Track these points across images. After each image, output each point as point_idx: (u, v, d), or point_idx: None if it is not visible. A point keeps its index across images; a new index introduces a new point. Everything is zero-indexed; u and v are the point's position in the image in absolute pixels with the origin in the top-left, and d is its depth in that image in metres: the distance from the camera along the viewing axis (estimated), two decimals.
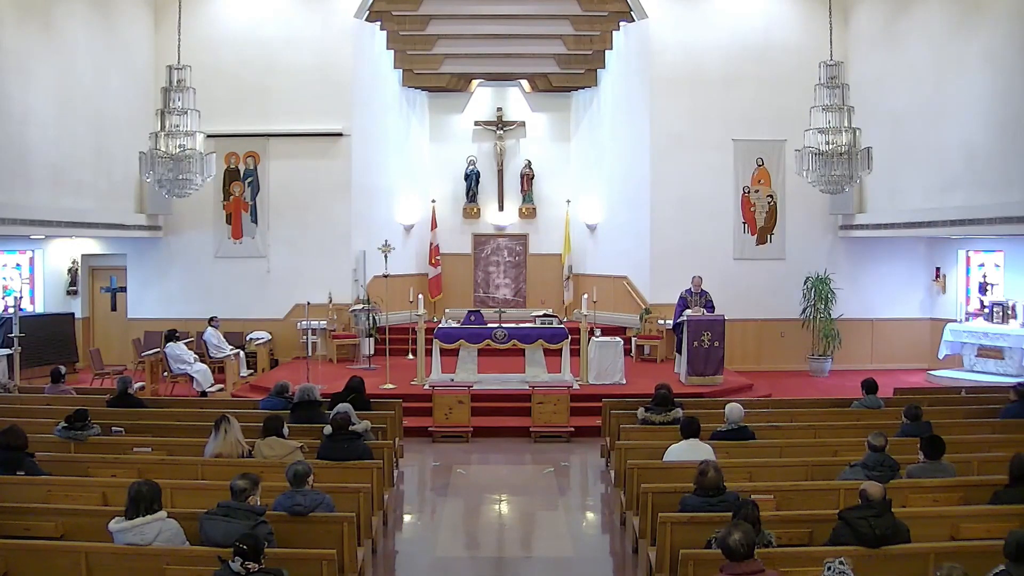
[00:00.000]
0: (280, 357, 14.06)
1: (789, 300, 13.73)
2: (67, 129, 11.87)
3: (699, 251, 13.77)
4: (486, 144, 16.28)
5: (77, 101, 12.11)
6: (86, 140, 12.32)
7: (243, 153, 14.25)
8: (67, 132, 11.87)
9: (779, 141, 13.78)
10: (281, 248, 14.25)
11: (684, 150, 13.95)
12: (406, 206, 15.74)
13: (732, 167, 14.06)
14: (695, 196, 13.95)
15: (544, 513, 7.73)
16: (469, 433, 9.95)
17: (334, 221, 14.21)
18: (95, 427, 7.15)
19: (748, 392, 11.51)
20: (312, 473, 5.40)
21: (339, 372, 12.15)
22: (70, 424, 7.03)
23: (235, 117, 13.88)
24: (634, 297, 14.51)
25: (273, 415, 6.87)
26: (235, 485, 4.88)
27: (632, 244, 14.59)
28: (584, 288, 14.26)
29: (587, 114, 16.00)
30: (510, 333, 11.46)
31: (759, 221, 14.16)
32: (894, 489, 5.47)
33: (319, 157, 14.19)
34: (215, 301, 13.80)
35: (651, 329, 13.92)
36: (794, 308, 13.72)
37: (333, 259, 14.17)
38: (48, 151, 11.49)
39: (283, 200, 14.23)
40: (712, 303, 12.11)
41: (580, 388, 11.17)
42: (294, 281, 13.96)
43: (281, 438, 6.55)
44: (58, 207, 11.56)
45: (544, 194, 16.23)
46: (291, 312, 13.98)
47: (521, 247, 16.43)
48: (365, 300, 13.78)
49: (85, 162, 12.31)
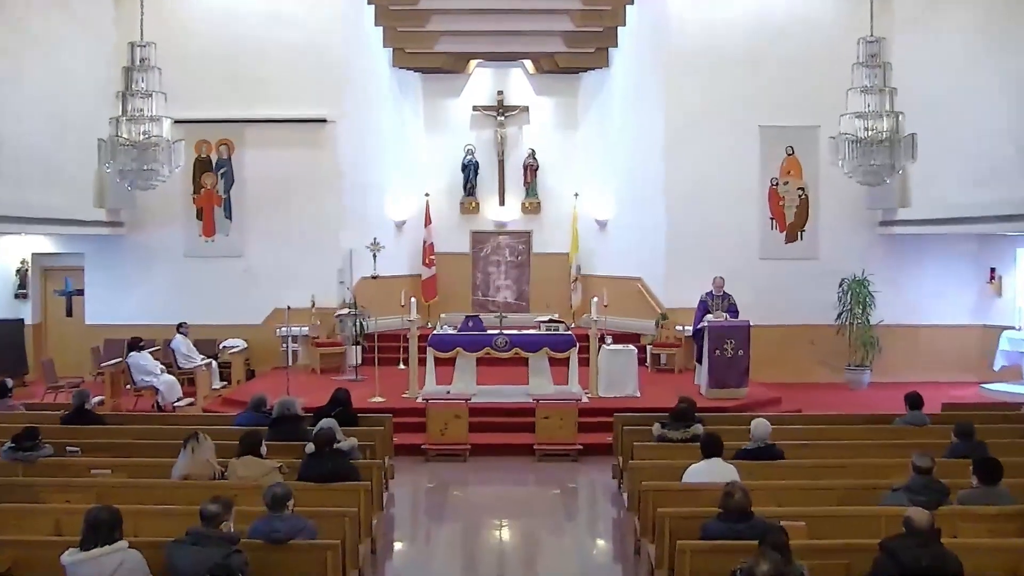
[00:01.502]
0: (257, 367, 14.04)
1: (822, 304, 13.69)
2: (15, 112, 11.66)
3: (721, 250, 13.74)
4: (485, 131, 16.26)
5: (27, 81, 11.93)
6: (37, 125, 12.12)
7: (215, 141, 14.23)
8: (14, 115, 11.65)
9: (811, 127, 13.74)
10: (258, 246, 14.23)
11: (704, 138, 13.93)
12: (397, 200, 15.72)
13: (758, 156, 14.04)
14: (717, 189, 13.92)
15: (549, 540, 7.71)
16: (467, 451, 9.93)
17: (318, 217, 14.21)
18: (47, 447, 7.11)
19: (776, 406, 11.49)
20: (292, 496, 5.37)
21: (323, 384, 12.11)
22: (18, 444, 6.98)
23: (206, 101, 13.86)
24: (649, 300, 14.48)
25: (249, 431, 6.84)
26: (206, 510, 4.84)
27: (646, 242, 14.57)
28: (593, 290, 14.22)
29: (597, 98, 15.97)
30: (512, 340, 11.45)
31: (788, 216, 14.13)
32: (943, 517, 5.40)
33: (301, 146, 14.17)
34: (184, 305, 13.78)
35: (668, 336, 13.89)
36: (828, 313, 13.68)
37: (316, 259, 14.16)
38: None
39: (260, 193, 14.21)
40: (736, 307, 12.07)
41: (589, 401, 11.15)
42: (273, 283, 13.95)
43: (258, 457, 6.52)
44: (4, 200, 11.37)
45: (549, 187, 16.22)
46: (269, 317, 13.96)
47: (524, 245, 16.40)
48: (352, 304, 13.76)
49: (37, 149, 12.08)
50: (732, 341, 11.51)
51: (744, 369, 11.56)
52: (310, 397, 10.30)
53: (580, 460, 9.86)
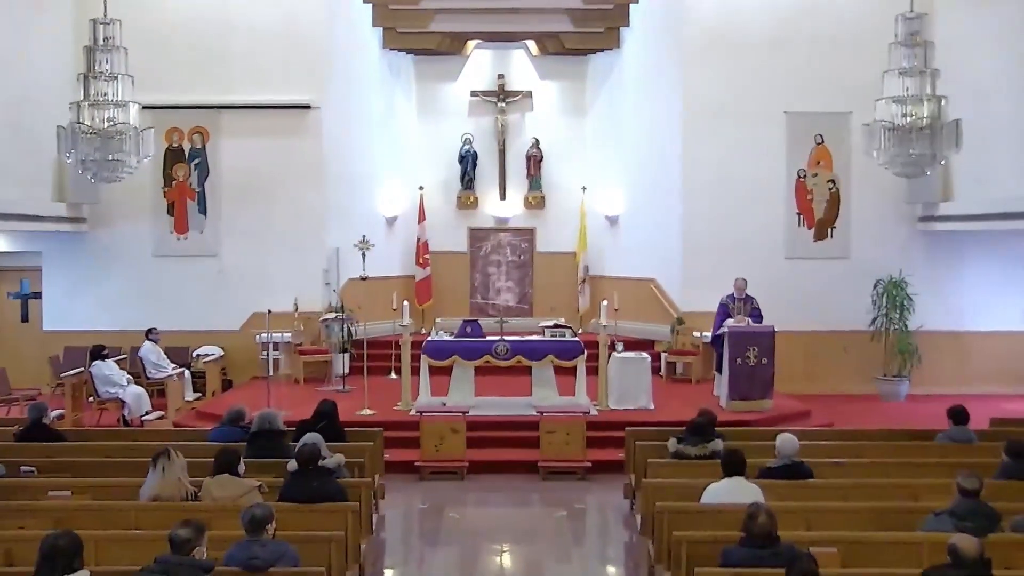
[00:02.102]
0: (234, 377, 14.04)
1: (854, 308, 13.66)
2: None
3: (743, 248, 13.74)
4: (485, 119, 16.26)
5: None
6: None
7: (188, 129, 14.23)
8: None
9: (842, 114, 13.72)
10: (236, 245, 14.23)
11: (725, 126, 13.92)
12: (388, 194, 15.72)
13: (784, 146, 14.03)
14: (738, 182, 13.91)
15: (555, 567, 7.68)
16: (464, 468, 9.92)
17: (301, 212, 14.21)
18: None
19: (804, 420, 11.47)
20: (273, 518, 5.35)
21: (307, 395, 12.11)
22: None
23: (178, 84, 13.86)
24: (664, 304, 14.47)
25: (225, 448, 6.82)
26: (175, 536, 4.81)
27: (661, 240, 14.56)
28: (603, 293, 14.20)
29: (607, 82, 15.98)
30: (514, 347, 11.42)
31: (817, 212, 14.11)
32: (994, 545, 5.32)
33: (283, 134, 14.18)
34: (154, 309, 13.77)
35: (684, 343, 13.87)
36: (861, 318, 13.65)
37: (300, 258, 14.16)
38: None
39: (238, 186, 14.21)
40: (759, 311, 12.06)
41: (598, 414, 11.15)
42: (252, 285, 13.93)
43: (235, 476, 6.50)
44: None
45: (555, 180, 16.22)
46: (248, 322, 13.95)
47: (527, 244, 16.38)
48: (339, 308, 13.75)
49: None
50: (755, 348, 11.49)
51: (768, 379, 11.54)
52: (293, 410, 10.29)
53: (589, 478, 9.85)
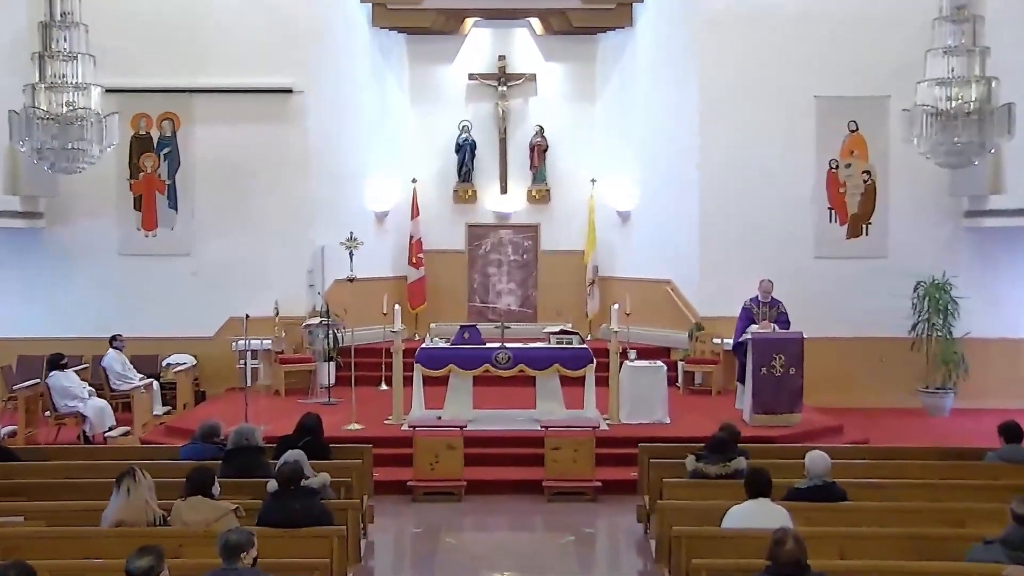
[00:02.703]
0: (208, 388, 14.04)
1: (893, 313, 13.63)
2: None
3: (768, 247, 13.73)
4: (484, 105, 16.25)
5: None
6: None
7: (157, 115, 14.24)
8: None
9: (880, 98, 13.71)
10: (210, 243, 14.23)
11: (748, 112, 13.90)
12: (378, 187, 15.72)
13: (814, 134, 14.01)
14: (763, 174, 13.90)
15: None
16: (462, 489, 9.92)
17: (283, 207, 14.21)
18: None
19: (836, 436, 11.46)
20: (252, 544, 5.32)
21: (288, 408, 12.10)
22: None
23: (145, 65, 13.86)
24: (681, 308, 14.47)
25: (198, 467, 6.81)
26: (133, 567, 4.71)
27: (678, 237, 14.56)
28: (614, 296, 14.17)
29: (618, 64, 15.98)
30: (516, 355, 11.42)
31: (851, 206, 14.10)
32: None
33: (262, 121, 14.18)
34: (119, 314, 13.76)
35: (703, 351, 13.87)
36: (900, 323, 13.63)
37: (281, 258, 14.17)
38: None
39: (213, 178, 14.21)
40: (786, 316, 12.06)
41: (609, 429, 11.15)
42: (228, 287, 13.93)
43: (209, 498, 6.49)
44: None
45: (561, 171, 16.21)
46: (223, 328, 13.95)
47: (531, 242, 16.38)
48: (324, 312, 13.75)
49: None
50: (782, 357, 11.47)
51: (796, 391, 11.52)
52: (273, 424, 10.32)
53: (599, 500, 9.85)
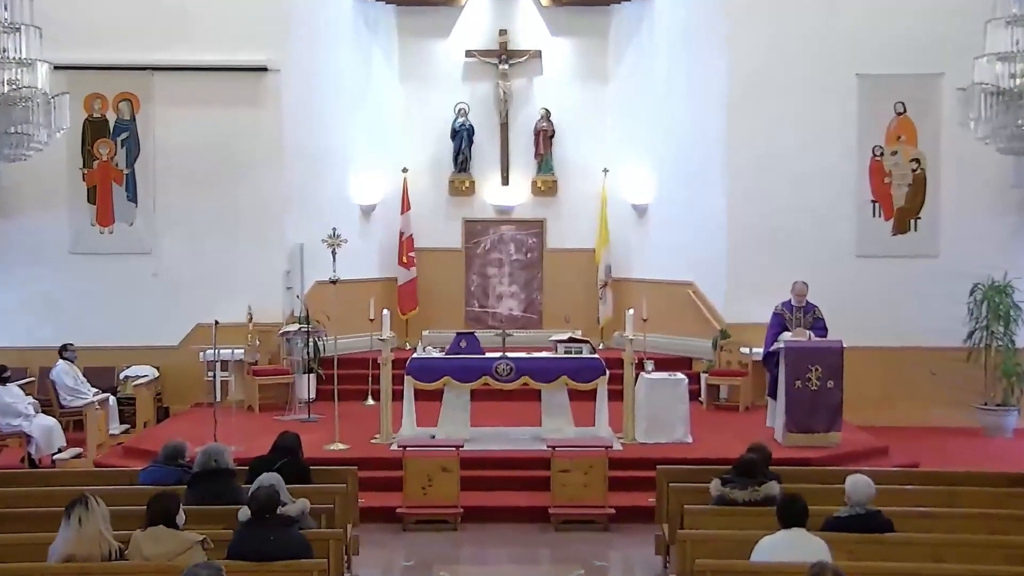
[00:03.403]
0: (172, 404, 14.03)
1: (946, 319, 13.61)
2: None
3: (803, 245, 13.74)
4: (483, 85, 16.27)
5: None
6: None
7: (113, 96, 14.23)
8: None
9: (931, 76, 13.71)
10: (175, 240, 14.23)
11: (782, 93, 13.89)
12: (365, 178, 15.73)
13: (855, 118, 14.00)
14: (798, 162, 13.89)
15: None
16: (458, 516, 9.92)
17: (257, 199, 14.21)
18: None
19: (881, 459, 11.45)
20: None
21: (263, 426, 12.10)
22: None
23: (100, 39, 13.84)
24: (704, 313, 14.47)
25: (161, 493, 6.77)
26: None
27: (701, 234, 14.56)
28: (629, 300, 14.17)
29: (634, 40, 15.98)
30: (519, 366, 11.42)
31: (897, 199, 14.08)
32: None
33: (233, 103, 14.19)
34: (70, 321, 13.77)
35: (730, 361, 13.86)
36: (954, 331, 13.60)
37: (255, 257, 14.17)
38: None
39: (177, 167, 14.19)
40: (823, 322, 12.02)
41: (623, 449, 11.15)
42: (195, 290, 13.95)
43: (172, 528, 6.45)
44: None
45: (570, 160, 16.22)
46: (190, 336, 13.95)
47: (535, 239, 16.38)
48: (303, 318, 13.75)
49: None
50: (818, 368, 11.44)
51: (835, 407, 11.48)
52: (245, 444, 10.34)
53: (612, 529, 9.85)
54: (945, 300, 13.61)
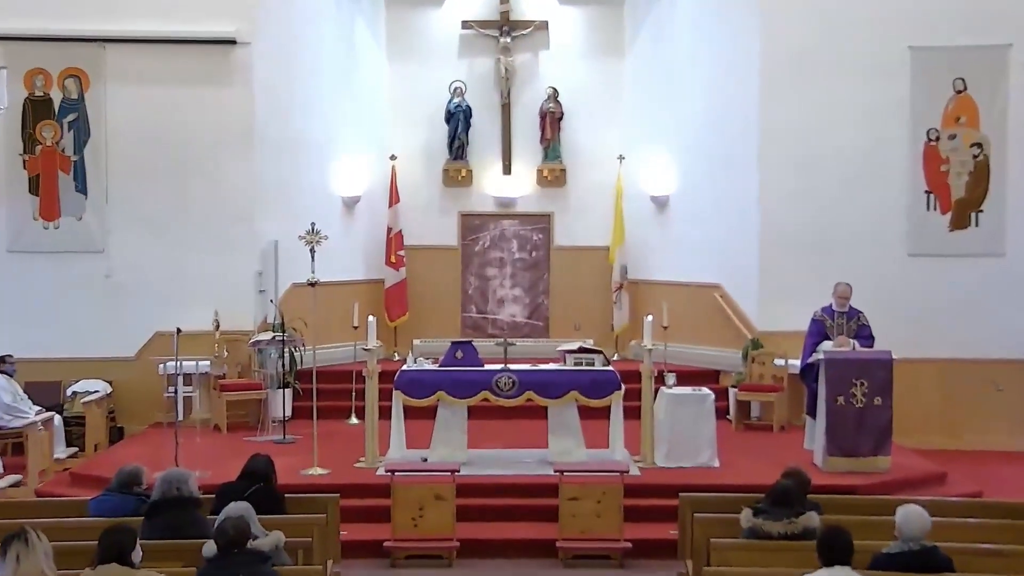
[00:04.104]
0: (127, 423, 14.06)
1: (1012, 326, 13.68)
2: None
3: (847, 243, 13.77)
4: (482, 61, 16.34)
5: None
6: None
7: (59, 72, 14.24)
8: None
9: (996, 47, 13.71)
10: (130, 236, 14.24)
11: (822, 71, 13.91)
12: (347, 166, 15.78)
13: (908, 97, 14.00)
14: (841, 149, 13.91)
15: None
16: (453, 551, 9.91)
17: (224, 191, 14.25)
18: None
19: (938, 487, 11.42)
20: None
21: (231, 448, 12.12)
22: None
23: (42, 7, 13.86)
24: (733, 320, 14.50)
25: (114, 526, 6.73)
26: None
27: (730, 231, 14.60)
28: (647, 304, 14.20)
29: (654, 9, 16.05)
30: (522, 380, 11.43)
31: (956, 189, 14.08)
32: None
33: (197, 80, 14.21)
34: (9, 329, 13.78)
35: (763, 374, 13.87)
36: (1021, 341, 13.63)
37: (222, 256, 14.18)
38: None
39: (133, 154, 14.21)
40: (870, 330, 12.01)
41: (641, 474, 11.17)
42: (153, 293, 13.98)
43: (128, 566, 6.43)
44: None
45: (580, 146, 16.29)
46: (148, 346, 13.99)
47: (541, 236, 16.43)
48: (277, 325, 13.77)
49: None
50: (864, 383, 11.41)
51: (884, 427, 11.45)
52: (212, 470, 10.30)
53: (628, 565, 9.84)
54: (1012, 305, 13.68)
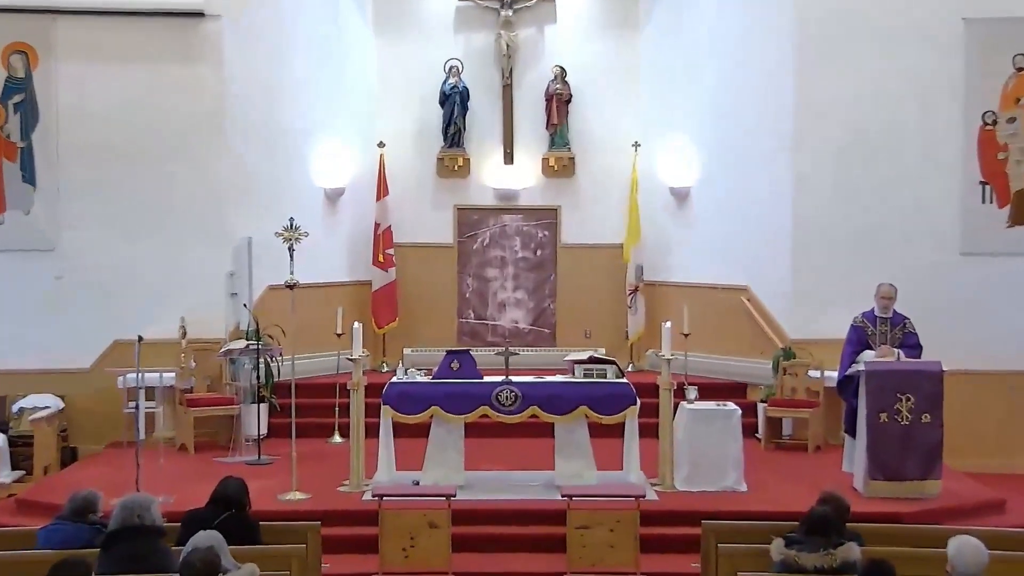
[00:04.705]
0: (82, 444, 14.04)
1: None
2: None
3: (890, 240, 13.79)
4: (481, 36, 16.39)
5: None
6: None
7: (3, 47, 14.25)
8: None
9: None
10: (85, 233, 14.23)
11: (864, 47, 13.90)
12: (330, 154, 15.80)
13: (962, 76, 13.98)
14: (882, 135, 13.92)
15: None
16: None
17: (192, 182, 14.26)
18: None
19: (996, 515, 11.34)
20: None
21: (200, 470, 12.13)
22: None
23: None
24: (762, 326, 14.52)
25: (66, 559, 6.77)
26: None
27: (759, 226, 14.62)
28: (665, 309, 14.23)
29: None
30: (526, 394, 11.45)
31: (1016, 179, 14.08)
32: None
33: (160, 57, 14.20)
34: None
35: (795, 388, 13.85)
36: None
37: (189, 255, 14.21)
38: None
39: (88, 141, 14.20)
40: (917, 338, 12.03)
41: (660, 500, 11.19)
42: (112, 297, 13.99)
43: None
44: None
45: (591, 132, 16.34)
46: (105, 357, 14.00)
47: (547, 232, 16.47)
48: (252, 333, 13.78)
49: None
50: (911, 398, 11.39)
51: (933, 448, 11.41)
52: (178, 495, 10.32)
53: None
54: None
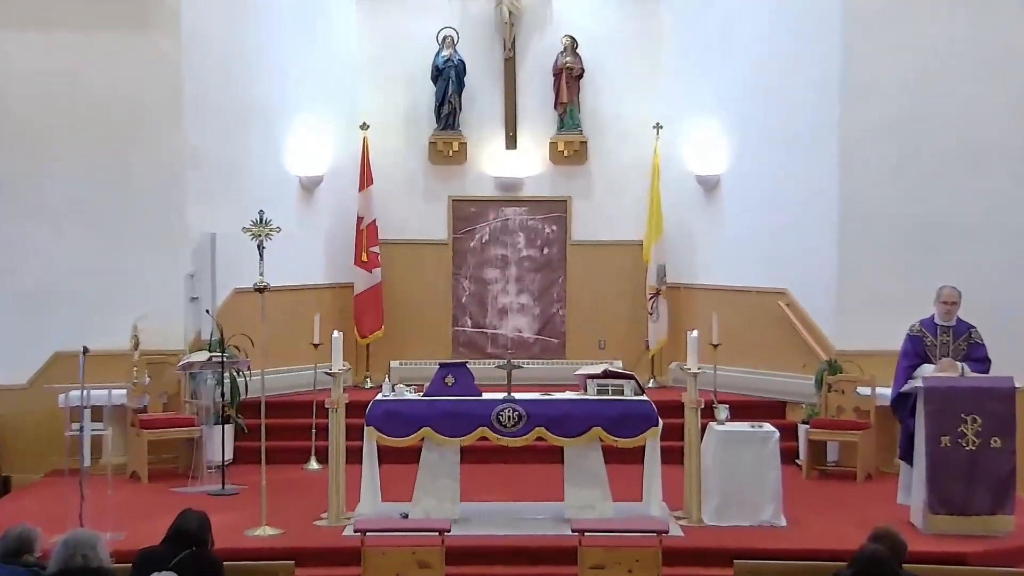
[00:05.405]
0: (17, 472, 14.11)
1: None
2: None
3: (954, 238, 13.82)
4: (479, 3, 16.43)
5: None
6: None
7: None
8: None
9: None
10: (21, 231, 14.29)
11: (921, 20, 13.95)
12: (305, 138, 15.86)
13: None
14: (946, 118, 13.94)
15: None
16: None
17: (146, 170, 14.32)
18: None
19: None
20: None
21: (154, 502, 12.16)
22: None
23: None
24: (804, 336, 14.54)
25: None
26: None
27: (799, 221, 14.68)
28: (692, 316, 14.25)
29: None
30: (531, 413, 11.48)
31: None
32: None
33: (109, 27, 14.23)
34: None
35: (842, 407, 13.84)
36: None
37: (143, 254, 14.26)
38: None
39: (23, 124, 14.27)
40: (984, 351, 12.01)
41: (685, 535, 11.18)
42: (52, 303, 14.05)
43: None
44: None
45: (606, 112, 16.47)
46: (44, 371, 14.07)
47: (556, 227, 16.56)
48: (215, 343, 13.80)
49: None
50: (977, 419, 11.32)
51: (1004, 477, 11.34)
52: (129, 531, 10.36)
53: None
54: None
